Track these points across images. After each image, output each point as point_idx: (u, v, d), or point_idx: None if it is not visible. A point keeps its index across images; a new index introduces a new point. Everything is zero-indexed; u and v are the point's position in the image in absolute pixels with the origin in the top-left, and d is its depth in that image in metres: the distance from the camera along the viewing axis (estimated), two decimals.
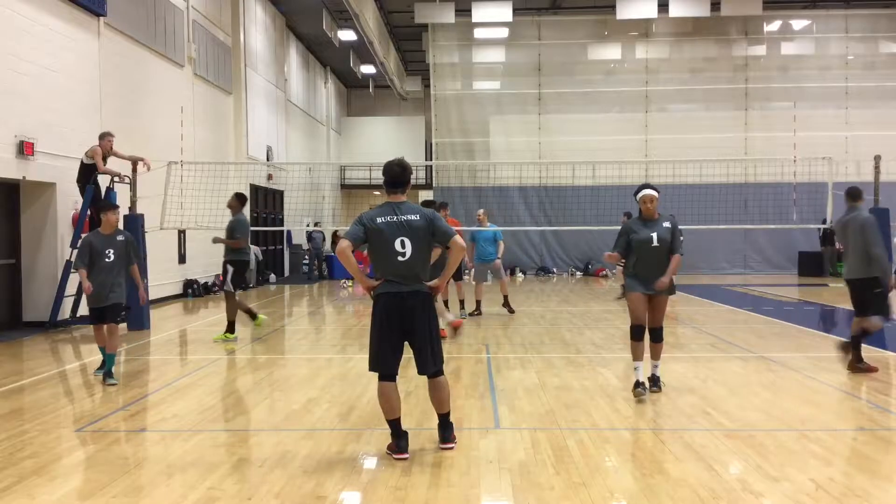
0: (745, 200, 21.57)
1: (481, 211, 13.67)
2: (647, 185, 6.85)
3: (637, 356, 6.67)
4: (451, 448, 5.17)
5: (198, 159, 16.10)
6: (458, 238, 5.06)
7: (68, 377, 8.09)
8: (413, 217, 5.01)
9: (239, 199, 10.60)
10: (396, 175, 5.11)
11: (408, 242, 4.96)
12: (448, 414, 5.24)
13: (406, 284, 4.98)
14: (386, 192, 5.16)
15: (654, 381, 6.83)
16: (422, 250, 5.02)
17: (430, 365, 5.10)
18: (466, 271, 13.58)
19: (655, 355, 6.84)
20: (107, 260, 7.50)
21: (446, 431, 5.22)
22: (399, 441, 5.01)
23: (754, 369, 8.03)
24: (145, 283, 8.88)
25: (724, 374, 7.78)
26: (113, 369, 7.48)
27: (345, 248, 4.89)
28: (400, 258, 4.95)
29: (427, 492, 4.35)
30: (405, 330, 5.03)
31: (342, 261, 4.95)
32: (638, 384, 6.54)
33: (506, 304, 13.17)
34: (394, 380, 5.06)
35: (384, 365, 5.04)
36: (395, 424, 5.03)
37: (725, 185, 20.67)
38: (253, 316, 10.62)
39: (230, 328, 10.28)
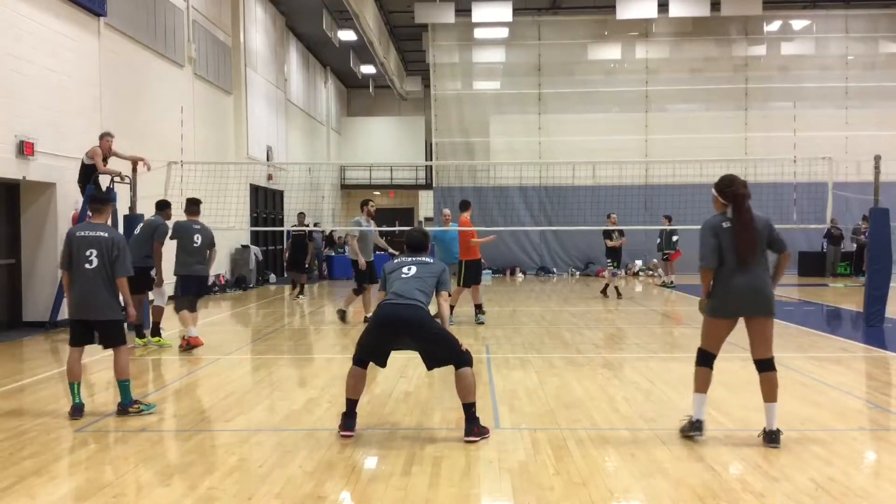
0: None
1: (447, 210, 13.43)
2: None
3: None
4: (473, 441, 5.28)
5: (198, 159, 16.10)
6: (445, 294, 5.76)
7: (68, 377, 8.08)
8: (427, 258, 5.82)
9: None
10: (417, 241, 5.91)
11: (414, 268, 5.67)
12: (470, 405, 5.41)
13: (399, 301, 5.49)
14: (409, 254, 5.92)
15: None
16: (424, 277, 5.62)
17: (434, 362, 5.57)
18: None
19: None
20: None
21: (468, 424, 5.39)
22: (347, 419, 5.53)
23: (754, 369, 8.00)
24: None
25: (724, 374, 7.76)
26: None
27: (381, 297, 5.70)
28: (403, 275, 5.62)
29: (427, 492, 4.35)
30: (398, 337, 5.50)
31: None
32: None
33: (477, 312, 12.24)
34: (365, 367, 5.57)
35: (362, 353, 5.59)
36: (350, 403, 5.56)
37: None
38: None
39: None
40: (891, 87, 24.21)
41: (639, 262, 24.19)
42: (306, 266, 17.29)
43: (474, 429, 5.37)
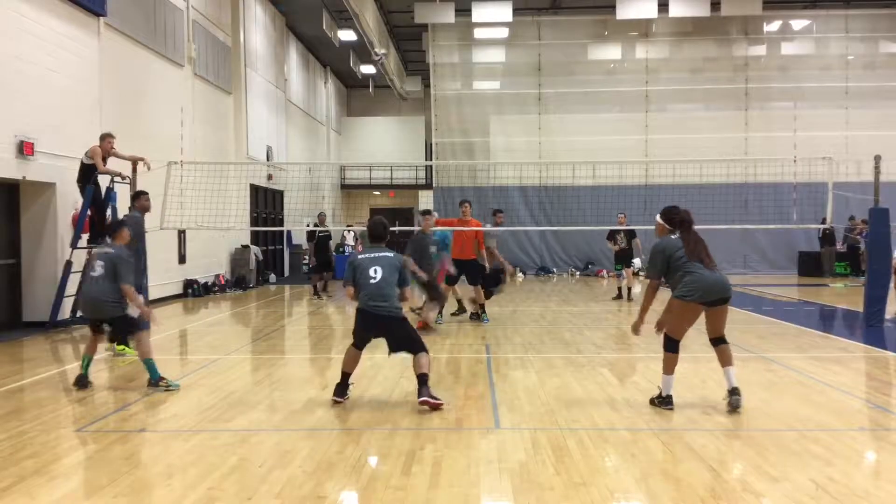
0: (745, 200, 21.59)
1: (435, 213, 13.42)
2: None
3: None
4: (427, 402, 6.17)
5: (198, 159, 16.09)
6: (406, 290, 6.62)
7: (68, 377, 8.07)
8: (387, 253, 6.58)
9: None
10: (378, 233, 6.70)
11: (380, 271, 6.41)
12: (423, 375, 6.33)
13: (378, 304, 6.36)
14: (369, 243, 6.75)
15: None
16: (388, 278, 6.40)
17: (398, 350, 6.59)
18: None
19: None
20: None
21: (421, 387, 6.30)
22: (340, 388, 6.54)
23: (754, 369, 8.02)
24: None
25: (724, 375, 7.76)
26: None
27: (348, 291, 6.59)
28: (372, 280, 6.39)
29: (427, 492, 4.35)
30: (377, 332, 6.56)
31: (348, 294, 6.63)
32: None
33: (474, 310, 12.53)
34: (361, 349, 6.60)
35: (357, 341, 6.65)
36: (344, 376, 6.58)
37: (725, 185, 20.67)
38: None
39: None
40: (891, 87, 24.20)
41: (637, 262, 24.18)
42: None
43: (424, 390, 6.25)
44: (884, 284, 11.43)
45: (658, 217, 6.41)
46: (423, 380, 6.32)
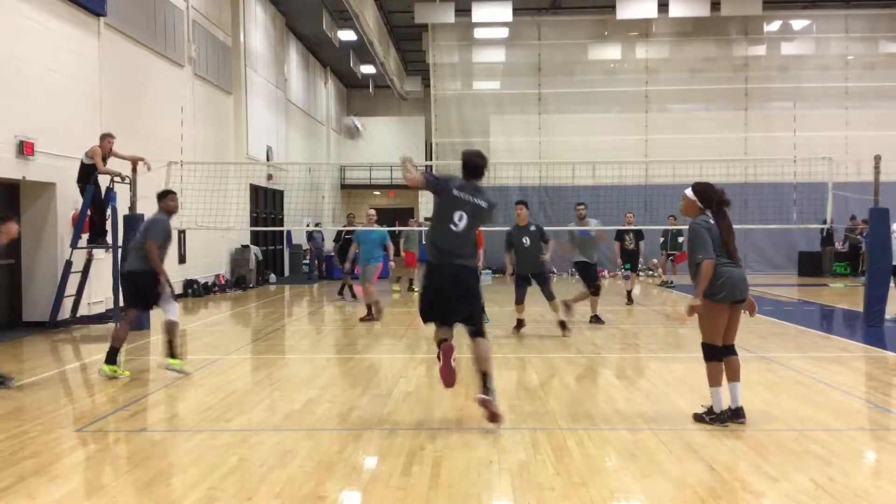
0: (745, 200, 21.56)
1: (372, 210, 13.46)
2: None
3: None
4: (484, 400, 5.56)
5: (198, 159, 16.09)
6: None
7: (68, 377, 8.09)
8: (481, 202, 5.78)
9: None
10: (475, 164, 5.91)
11: (466, 217, 5.65)
12: (484, 374, 5.67)
13: (454, 257, 5.63)
14: (465, 178, 5.88)
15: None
16: (473, 228, 5.69)
17: (460, 319, 5.78)
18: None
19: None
20: None
21: (484, 385, 5.65)
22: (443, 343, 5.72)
23: (754, 369, 8.01)
24: None
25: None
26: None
27: (420, 178, 5.71)
28: (454, 227, 5.63)
29: (427, 492, 4.35)
30: (452, 292, 5.69)
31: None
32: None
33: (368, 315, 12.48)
34: (450, 325, 5.82)
35: (431, 315, 5.79)
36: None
37: (725, 185, 20.20)
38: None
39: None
40: (891, 87, 24.21)
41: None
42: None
43: (486, 388, 5.60)
44: (884, 284, 11.44)
45: (689, 192, 5.85)
46: (483, 378, 5.66)
